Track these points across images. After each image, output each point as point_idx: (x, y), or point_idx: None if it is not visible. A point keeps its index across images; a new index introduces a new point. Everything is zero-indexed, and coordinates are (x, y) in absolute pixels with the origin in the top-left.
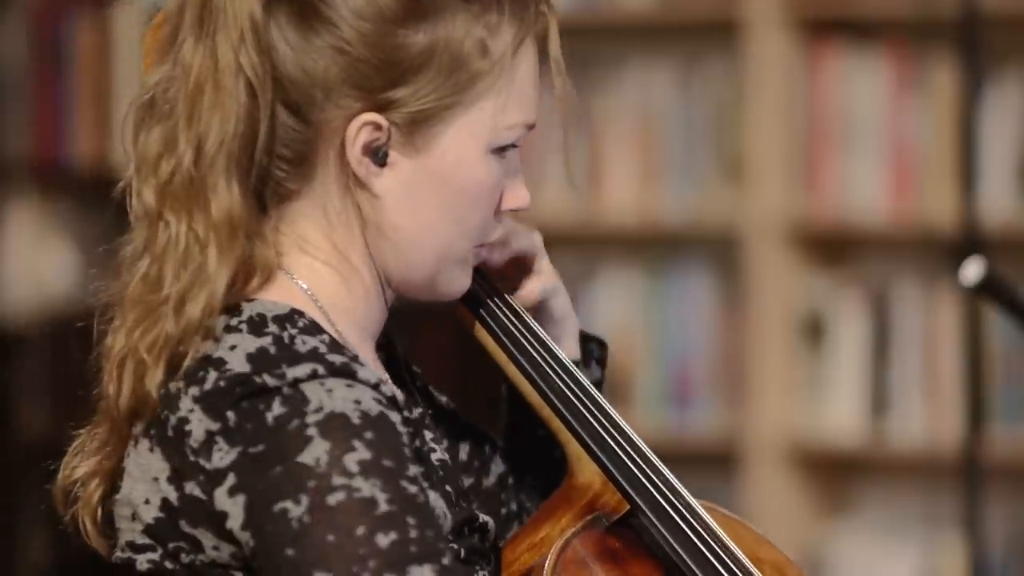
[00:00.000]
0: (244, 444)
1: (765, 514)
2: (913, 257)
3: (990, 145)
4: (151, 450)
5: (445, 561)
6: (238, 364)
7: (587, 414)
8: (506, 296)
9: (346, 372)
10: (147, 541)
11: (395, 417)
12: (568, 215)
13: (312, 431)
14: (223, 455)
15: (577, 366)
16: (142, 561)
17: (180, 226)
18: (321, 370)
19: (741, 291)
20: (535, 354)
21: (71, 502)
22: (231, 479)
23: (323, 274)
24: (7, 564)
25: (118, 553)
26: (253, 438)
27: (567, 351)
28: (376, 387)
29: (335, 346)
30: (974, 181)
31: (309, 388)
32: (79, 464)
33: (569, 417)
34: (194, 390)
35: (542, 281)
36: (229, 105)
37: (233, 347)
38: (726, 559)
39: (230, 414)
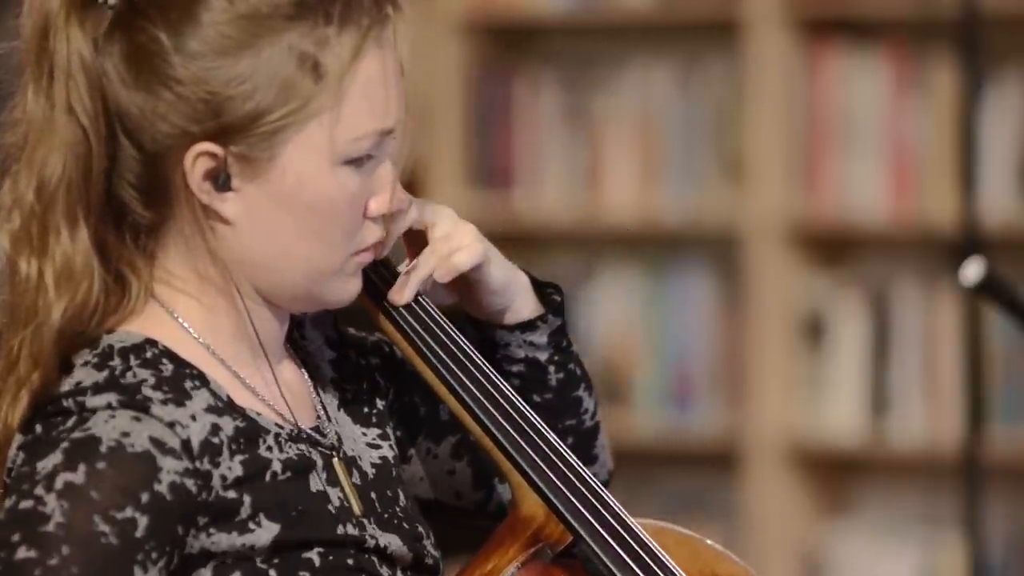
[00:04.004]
0: (29, 455)
1: (765, 514)
2: (913, 257)
3: (990, 145)
4: None
5: None
6: (60, 392)
7: (524, 443)
8: (430, 312)
9: (141, 407)
10: None
11: (166, 462)
12: (568, 215)
13: (64, 445)
14: (18, 466)
15: (535, 323)
16: None
17: (30, 270)
18: (115, 402)
19: (741, 291)
20: (469, 382)
21: None
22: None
23: (192, 304)
24: None
25: None
26: (35, 447)
27: (525, 310)
28: (171, 426)
29: (169, 380)
30: (974, 181)
31: (98, 415)
32: None
33: (508, 448)
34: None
35: (439, 253)
36: (62, 145)
37: (78, 383)
38: None
39: (37, 427)
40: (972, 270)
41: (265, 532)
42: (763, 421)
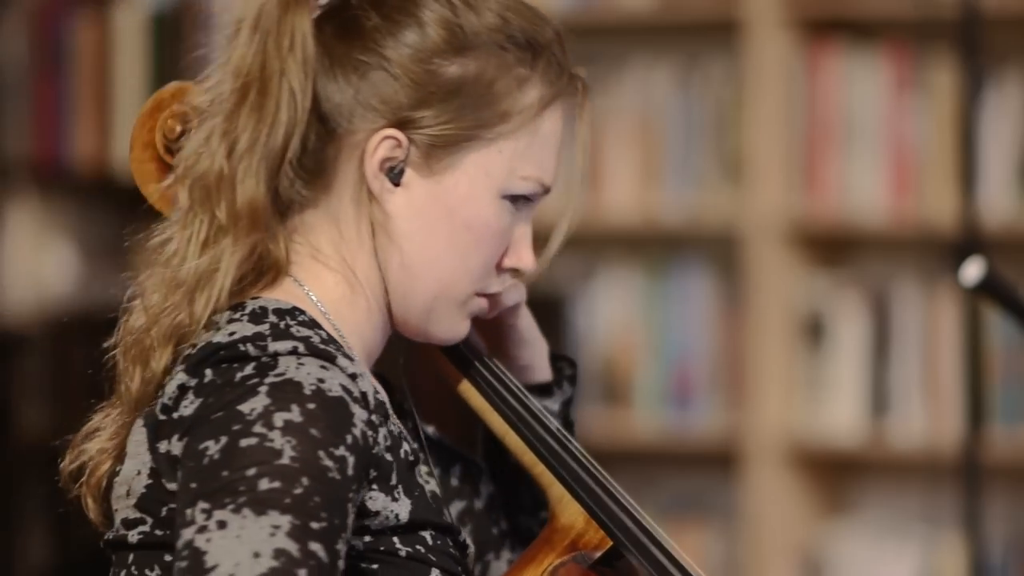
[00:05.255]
0: (207, 396)
1: (765, 514)
2: (913, 257)
3: (990, 145)
4: (142, 425)
5: (314, 525)
6: (228, 340)
7: (568, 457)
8: (482, 350)
9: (326, 356)
10: (138, 515)
11: (356, 409)
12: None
13: (262, 388)
14: (188, 405)
15: (551, 387)
16: (133, 535)
17: (205, 216)
18: (302, 348)
19: (741, 291)
20: (516, 403)
21: (78, 481)
22: (185, 425)
23: (330, 283)
24: (7, 564)
25: (110, 535)
26: (216, 391)
27: (540, 372)
28: (353, 377)
29: (329, 340)
30: (974, 181)
31: (284, 359)
32: (90, 443)
33: (552, 460)
34: (183, 364)
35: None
36: (268, 110)
37: (232, 333)
38: None
39: (208, 371)
40: (972, 270)
41: (403, 505)
42: (763, 421)
